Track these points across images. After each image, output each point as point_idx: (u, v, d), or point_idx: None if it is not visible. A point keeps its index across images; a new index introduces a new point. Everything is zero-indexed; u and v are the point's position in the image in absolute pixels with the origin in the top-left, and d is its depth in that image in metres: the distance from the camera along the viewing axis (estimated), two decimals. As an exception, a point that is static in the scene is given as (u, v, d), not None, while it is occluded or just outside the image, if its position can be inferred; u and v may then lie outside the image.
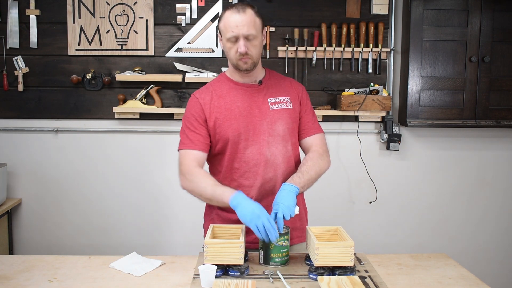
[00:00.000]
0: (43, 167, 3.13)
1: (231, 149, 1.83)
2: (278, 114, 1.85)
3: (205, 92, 1.87)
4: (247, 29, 1.73)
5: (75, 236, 3.17)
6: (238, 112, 1.82)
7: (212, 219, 1.92)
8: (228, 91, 1.86)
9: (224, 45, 1.80)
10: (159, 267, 1.77)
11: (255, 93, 1.86)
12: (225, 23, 1.76)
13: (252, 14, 1.76)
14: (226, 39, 1.77)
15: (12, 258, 1.87)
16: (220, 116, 1.82)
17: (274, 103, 1.86)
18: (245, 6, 1.77)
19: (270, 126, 1.83)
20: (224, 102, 1.84)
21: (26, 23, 3.02)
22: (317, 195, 2.41)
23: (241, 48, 1.74)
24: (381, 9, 3.10)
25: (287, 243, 1.71)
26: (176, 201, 3.18)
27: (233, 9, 1.76)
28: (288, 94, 1.90)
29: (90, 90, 3.08)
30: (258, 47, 1.79)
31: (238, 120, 1.81)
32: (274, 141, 1.84)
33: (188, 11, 3.06)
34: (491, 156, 3.29)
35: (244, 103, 1.83)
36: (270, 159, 1.83)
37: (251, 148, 1.82)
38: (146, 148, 3.15)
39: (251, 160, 1.82)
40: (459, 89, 3.05)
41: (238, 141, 1.81)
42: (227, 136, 1.81)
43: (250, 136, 1.82)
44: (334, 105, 3.16)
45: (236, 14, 1.74)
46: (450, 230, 3.31)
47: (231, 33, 1.74)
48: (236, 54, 1.77)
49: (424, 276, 1.73)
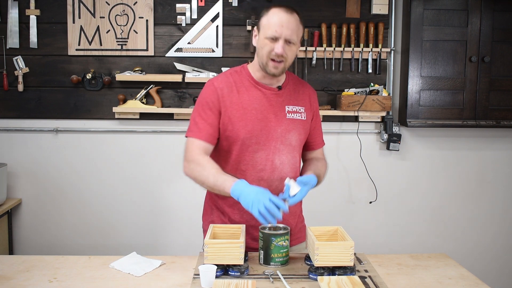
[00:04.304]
0: (43, 167, 3.13)
1: (239, 150, 1.79)
2: (293, 124, 1.82)
3: (225, 82, 1.79)
4: (290, 32, 1.68)
5: (75, 236, 3.17)
6: (254, 114, 1.77)
7: (212, 221, 1.90)
8: (248, 88, 1.80)
9: (259, 41, 1.74)
10: (159, 267, 1.77)
11: (273, 98, 1.81)
12: (270, 19, 1.69)
13: (298, 19, 1.71)
14: (265, 36, 1.70)
15: (12, 258, 1.87)
16: (236, 114, 1.76)
17: (291, 112, 1.83)
18: (292, 9, 1.71)
19: (283, 134, 1.81)
20: (242, 99, 1.77)
21: (26, 23, 3.02)
22: (317, 195, 2.41)
23: (278, 49, 1.68)
24: (381, 9, 3.10)
25: (287, 243, 1.71)
26: (176, 201, 3.18)
27: (281, 7, 1.70)
28: (304, 104, 1.87)
29: (90, 90, 3.08)
30: (294, 54, 1.75)
31: (254, 122, 1.77)
32: (285, 150, 1.81)
33: (188, 11, 3.06)
34: (491, 156, 3.29)
35: (262, 106, 1.78)
36: (279, 167, 1.81)
37: (261, 153, 1.79)
38: (146, 148, 3.15)
39: (259, 164, 1.79)
40: (459, 89, 3.05)
41: (248, 143, 1.77)
42: (238, 136, 1.77)
43: (261, 140, 1.78)
44: (334, 105, 3.16)
45: (284, 14, 1.68)
46: (450, 230, 3.31)
47: (273, 31, 1.68)
48: (269, 53, 1.71)
49: (424, 276, 1.73)
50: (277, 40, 1.69)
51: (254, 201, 1.55)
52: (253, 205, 1.55)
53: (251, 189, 1.60)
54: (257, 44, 1.76)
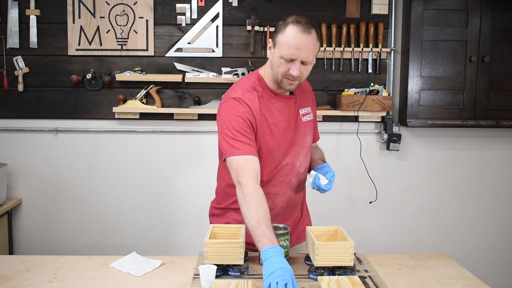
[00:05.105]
0: (43, 167, 3.13)
1: (266, 159, 1.78)
2: (307, 126, 1.86)
3: (252, 96, 1.74)
4: (307, 54, 1.64)
5: (75, 236, 3.17)
6: (280, 126, 1.78)
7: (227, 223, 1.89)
8: (269, 100, 1.77)
9: (274, 57, 1.69)
10: (159, 267, 1.77)
11: (291, 105, 1.82)
12: (287, 39, 1.64)
13: (315, 37, 1.66)
14: (280, 55, 1.65)
15: (12, 258, 1.87)
16: (265, 129, 1.75)
17: (304, 115, 1.85)
18: (310, 25, 1.65)
19: (302, 138, 1.84)
20: (269, 113, 1.76)
21: (26, 23, 3.02)
22: (317, 195, 2.40)
23: (294, 72, 1.65)
24: (381, 9, 3.10)
25: (287, 243, 1.71)
26: (176, 201, 3.18)
27: (299, 26, 1.63)
28: (309, 103, 1.90)
29: (90, 90, 3.08)
30: (309, 71, 1.72)
31: (281, 133, 1.78)
32: (303, 152, 1.85)
33: (188, 11, 3.06)
34: (491, 156, 3.29)
35: (284, 116, 1.79)
36: (298, 168, 1.85)
37: (286, 161, 1.81)
38: (146, 148, 3.15)
39: (284, 170, 1.82)
40: (459, 89, 3.05)
41: (276, 154, 1.78)
42: (267, 150, 1.77)
43: (285, 149, 1.80)
44: (334, 105, 3.16)
45: (300, 35, 1.62)
46: (450, 230, 3.31)
47: (290, 54, 1.63)
48: (285, 73, 1.67)
49: (424, 276, 1.73)
50: (292, 60, 1.65)
51: (275, 274, 1.41)
52: (272, 278, 1.41)
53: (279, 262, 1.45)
54: (272, 59, 1.71)
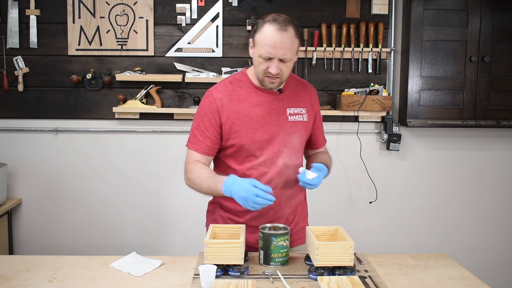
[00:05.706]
0: (43, 167, 3.13)
1: (244, 156, 1.79)
2: (295, 126, 1.82)
3: (224, 93, 1.78)
4: (284, 52, 1.65)
5: (75, 236, 3.17)
6: (256, 120, 1.77)
7: (214, 220, 1.91)
8: (248, 95, 1.79)
9: (254, 57, 1.72)
10: (159, 267, 1.77)
11: (275, 101, 1.80)
12: (263, 38, 1.66)
13: (293, 34, 1.67)
14: (259, 54, 1.68)
15: (12, 258, 1.87)
16: (237, 122, 1.76)
17: (293, 114, 1.82)
18: (287, 23, 1.66)
19: (286, 137, 1.81)
20: (243, 107, 1.77)
21: (26, 23, 3.02)
22: (317, 195, 2.41)
23: (272, 70, 1.67)
24: (381, 9, 3.10)
25: (287, 243, 1.71)
26: (176, 201, 3.18)
27: (275, 24, 1.64)
28: (305, 105, 1.87)
29: (90, 90, 3.08)
30: (290, 68, 1.73)
31: (256, 128, 1.76)
32: (288, 152, 1.81)
33: (188, 11, 3.06)
34: (491, 156, 3.29)
35: (263, 111, 1.78)
36: (283, 169, 1.81)
37: (264, 157, 1.79)
38: (146, 148, 3.15)
39: (263, 168, 1.79)
40: (459, 89, 3.05)
41: (252, 149, 1.78)
42: (241, 144, 1.77)
43: (264, 145, 1.78)
44: (334, 105, 3.16)
45: (276, 33, 1.64)
46: (450, 230, 3.31)
47: (266, 53, 1.65)
48: (265, 71, 1.70)
49: (424, 276, 1.73)
50: (270, 59, 1.67)
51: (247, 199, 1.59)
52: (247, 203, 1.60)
53: (240, 187, 1.62)
54: (253, 57, 1.75)
